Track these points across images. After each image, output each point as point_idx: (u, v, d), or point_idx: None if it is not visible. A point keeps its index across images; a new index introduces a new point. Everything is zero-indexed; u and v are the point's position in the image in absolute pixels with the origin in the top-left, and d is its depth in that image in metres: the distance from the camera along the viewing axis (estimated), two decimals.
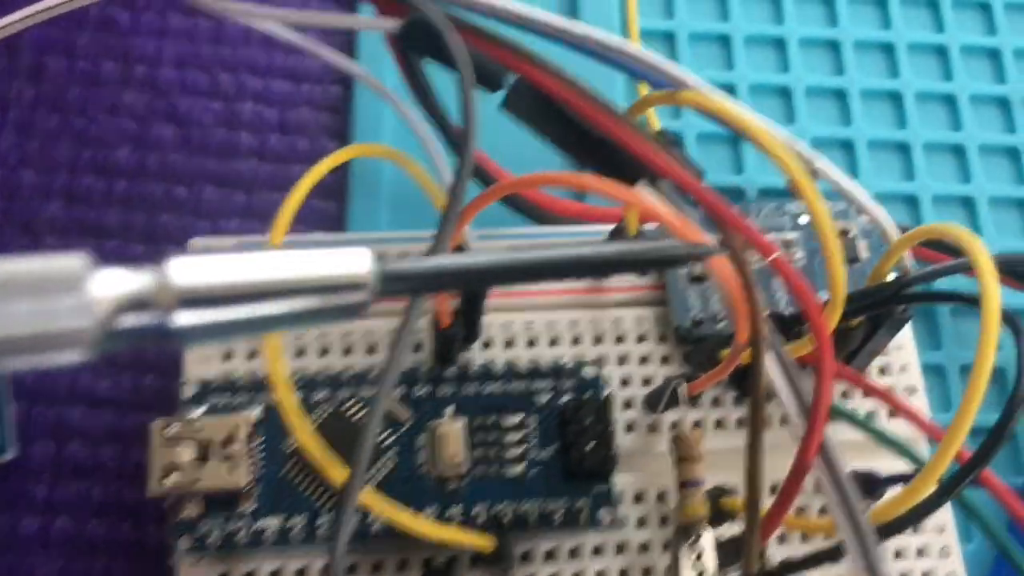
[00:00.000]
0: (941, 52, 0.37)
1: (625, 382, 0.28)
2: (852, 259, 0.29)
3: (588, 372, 0.27)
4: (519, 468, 0.25)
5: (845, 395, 0.28)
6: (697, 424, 0.27)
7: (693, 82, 0.21)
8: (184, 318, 0.13)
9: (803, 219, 0.30)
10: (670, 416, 0.27)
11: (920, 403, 0.29)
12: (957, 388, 0.32)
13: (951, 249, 0.29)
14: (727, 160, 0.35)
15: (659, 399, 0.27)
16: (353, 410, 0.25)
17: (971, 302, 0.21)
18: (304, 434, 0.22)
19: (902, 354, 0.29)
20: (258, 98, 0.33)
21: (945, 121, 0.36)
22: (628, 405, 0.28)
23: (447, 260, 0.16)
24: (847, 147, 0.35)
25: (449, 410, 0.26)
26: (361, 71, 0.29)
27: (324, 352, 0.27)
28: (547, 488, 0.25)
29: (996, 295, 0.20)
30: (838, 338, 0.27)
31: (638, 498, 0.27)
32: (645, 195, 0.19)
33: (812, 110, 0.36)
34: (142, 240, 0.31)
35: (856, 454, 0.26)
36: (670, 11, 0.37)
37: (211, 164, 0.32)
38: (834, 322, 0.22)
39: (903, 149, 0.35)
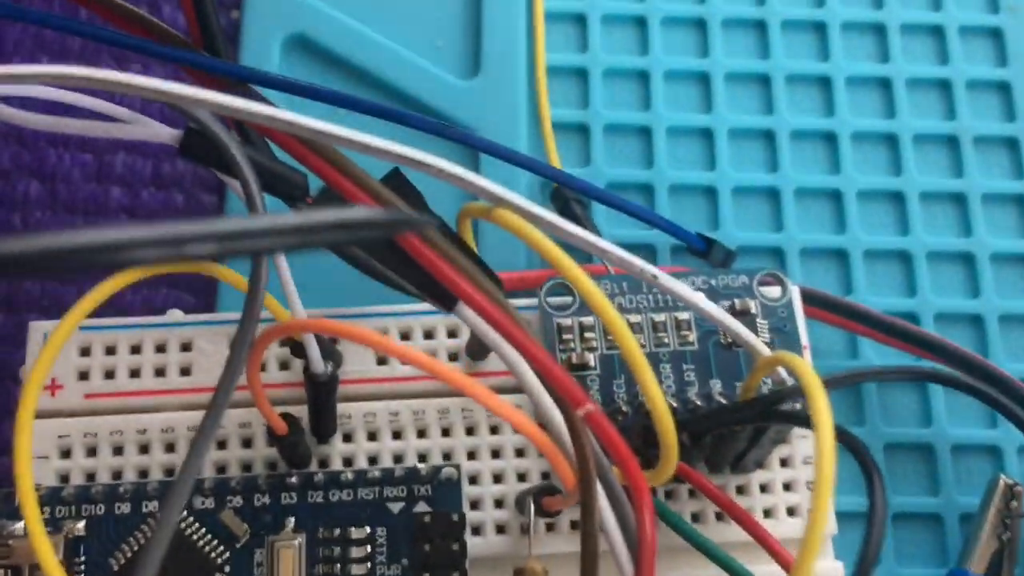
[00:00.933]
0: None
1: (498, 478, 0.26)
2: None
3: (446, 475, 0.25)
4: None
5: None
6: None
7: (512, 199, 0.19)
8: None
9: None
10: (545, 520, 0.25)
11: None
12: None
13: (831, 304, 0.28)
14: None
15: (523, 505, 0.25)
16: (192, 529, 0.24)
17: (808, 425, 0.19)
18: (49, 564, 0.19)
19: (806, 445, 0.27)
20: (131, 149, 0.31)
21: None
22: (499, 504, 0.26)
23: None
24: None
25: (290, 523, 0.24)
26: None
27: (169, 447, 0.25)
28: None
29: (828, 426, 0.18)
30: (722, 441, 0.25)
31: None
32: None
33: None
34: (1, 308, 0.29)
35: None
36: None
37: (78, 223, 0.30)
38: (665, 476, 0.20)
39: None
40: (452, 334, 0.27)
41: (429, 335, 0.27)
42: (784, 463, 0.27)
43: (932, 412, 0.30)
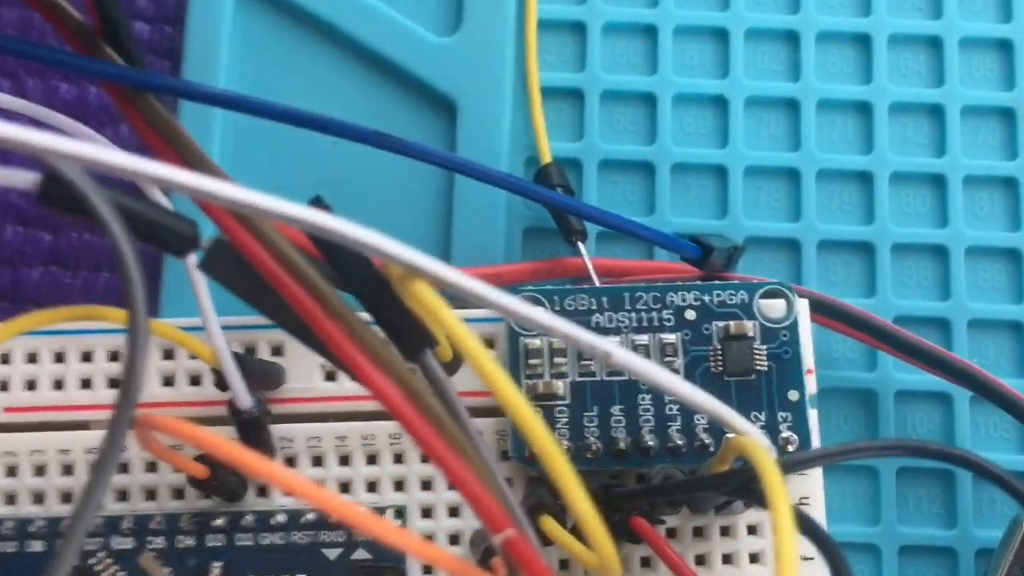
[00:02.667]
0: None
1: (454, 511, 0.23)
2: (747, 372, 0.23)
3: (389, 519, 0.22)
4: None
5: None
6: None
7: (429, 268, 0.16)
8: None
9: (689, 314, 0.23)
10: None
11: None
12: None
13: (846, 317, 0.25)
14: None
15: (478, 544, 0.22)
16: (108, 572, 0.22)
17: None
18: None
19: (803, 483, 0.24)
20: None
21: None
22: (455, 540, 0.23)
23: None
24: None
25: (216, 568, 0.22)
26: None
27: None
28: None
29: (787, 515, 0.15)
30: (702, 495, 0.22)
31: None
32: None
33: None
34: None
35: None
36: None
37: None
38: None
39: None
40: None
41: None
42: None
43: (955, 431, 0.27)
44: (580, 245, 0.26)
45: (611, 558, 0.16)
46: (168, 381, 0.24)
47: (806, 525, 0.18)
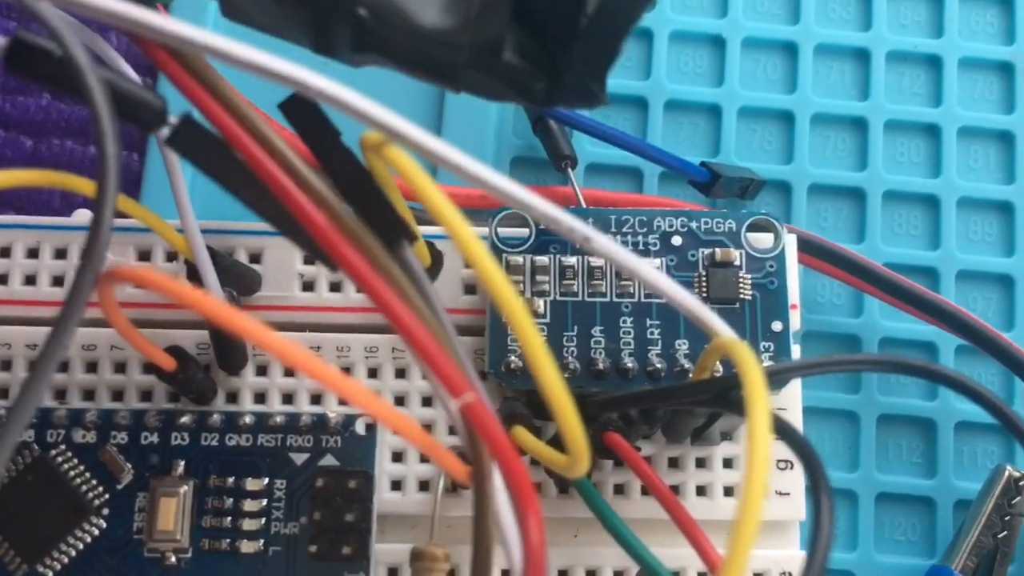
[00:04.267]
0: None
1: (427, 428, 0.23)
2: (731, 299, 0.23)
3: (360, 429, 0.22)
4: (255, 545, 0.21)
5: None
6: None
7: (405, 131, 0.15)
8: None
9: (676, 240, 0.23)
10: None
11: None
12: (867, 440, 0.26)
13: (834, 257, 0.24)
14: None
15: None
16: (69, 465, 0.21)
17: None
18: None
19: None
20: None
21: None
22: (425, 458, 0.23)
23: None
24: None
25: (179, 467, 0.21)
26: None
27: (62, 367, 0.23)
28: (288, 572, 0.21)
29: (765, 433, 0.15)
30: (678, 415, 0.22)
31: None
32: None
33: None
34: None
35: None
36: None
37: None
38: (576, 471, 0.16)
39: None
40: None
41: None
42: None
43: (939, 385, 0.27)
44: (569, 171, 0.26)
45: (580, 443, 0.15)
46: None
47: (784, 430, 0.17)
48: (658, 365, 0.22)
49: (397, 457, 0.23)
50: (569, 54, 0.17)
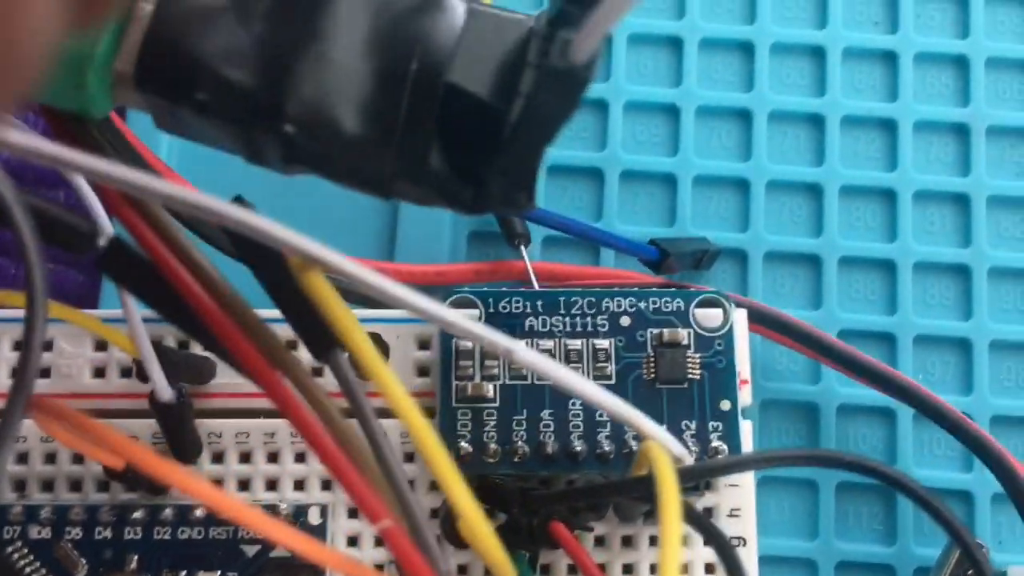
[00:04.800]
0: None
1: None
2: (680, 380, 0.23)
3: (313, 519, 0.22)
4: None
5: None
6: None
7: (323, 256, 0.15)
8: None
9: (624, 320, 0.23)
10: None
11: None
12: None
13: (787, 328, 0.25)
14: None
15: None
16: (25, 561, 0.21)
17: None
18: None
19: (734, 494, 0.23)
20: None
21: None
22: (380, 542, 0.23)
23: None
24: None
25: (133, 561, 0.22)
26: None
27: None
28: None
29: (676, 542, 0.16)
30: (625, 504, 0.22)
31: None
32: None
33: None
34: None
35: None
36: None
37: None
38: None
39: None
40: None
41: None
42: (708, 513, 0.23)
43: (897, 447, 0.27)
44: (522, 249, 0.26)
45: (498, 560, 0.15)
46: (99, 372, 0.24)
47: (702, 525, 0.17)
48: (607, 448, 0.22)
49: (352, 542, 0.23)
50: (491, 167, 0.17)
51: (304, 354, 0.18)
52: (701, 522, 0.17)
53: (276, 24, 0.17)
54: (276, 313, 0.17)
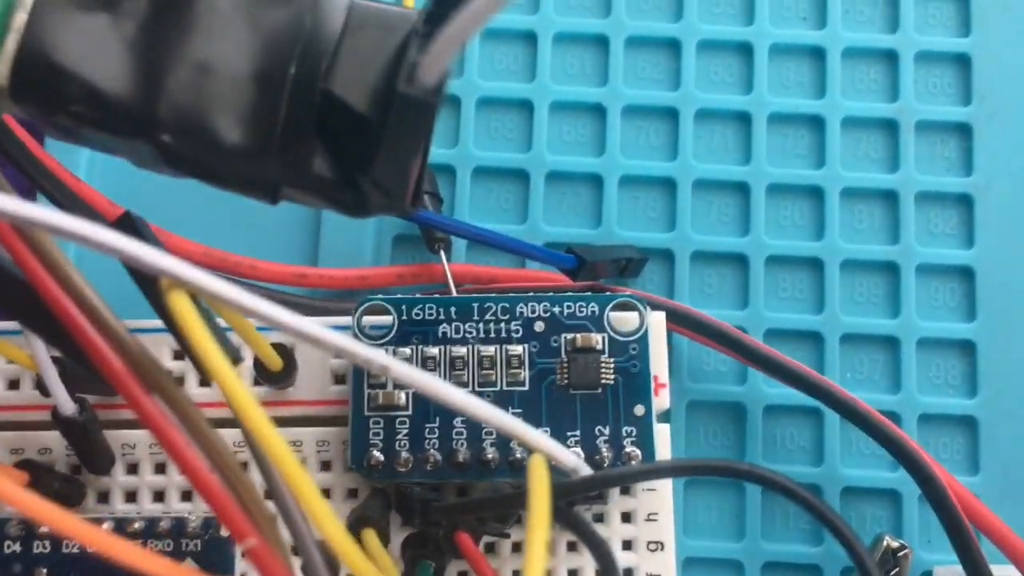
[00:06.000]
0: None
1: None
2: (593, 385, 0.23)
3: (222, 531, 0.22)
4: None
5: None
6: None
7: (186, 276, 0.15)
8: None
9: (539, 325, 0.23)
10: None
11: None
12: None
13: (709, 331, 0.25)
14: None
15: None
16: None
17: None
18: None
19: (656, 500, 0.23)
20: None
21: None
22: (295, 551, 0.23)
23: None
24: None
25: (42, 574, 0.21)
26: None
27: None
28: None
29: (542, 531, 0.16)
30: None
31: None
32: None
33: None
34: None
35: None
36: None
37: None
38: None
39: None
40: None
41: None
42: (626, 519, 0.23)
43: (825, 446, 0.27)
44: (442, 253, 0.26)
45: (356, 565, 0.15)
46: (13, 384, 0.23)
47: (577, 525, 0.17)
48: (519, 455, 0.22)
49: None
50: (366, 176, 0.17)
51: None
52: (581, 528, 0.17)
53: (149, 31, 0.17)
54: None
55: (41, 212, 0.15)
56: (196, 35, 0.17)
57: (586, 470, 0.19)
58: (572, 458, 0.19)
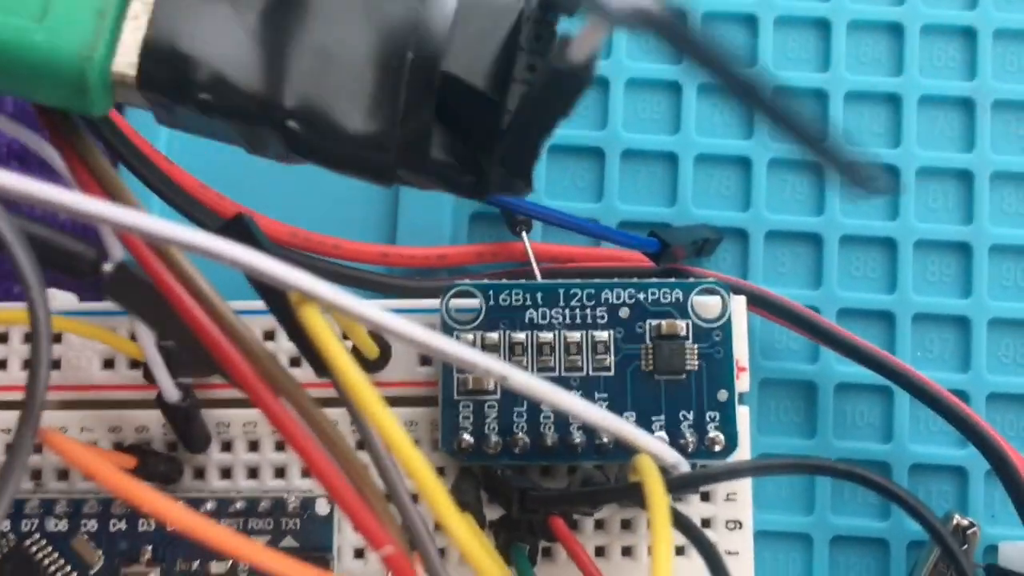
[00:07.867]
0: None
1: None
2: (678, 371, 0.23)
3: (320, 510, 0.23)
4: None
5: None
6: None
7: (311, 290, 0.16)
8: None
9: (623, 312, 0.24)
10: None
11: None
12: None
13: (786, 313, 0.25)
14: None
15: None
16: (43, 553, 0.22)
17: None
18: None
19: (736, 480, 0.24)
20: None
21: None
22: None
23: None
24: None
25: (147, 552, 0.22)
26: None
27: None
28: None
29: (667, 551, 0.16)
30: None
31: None
32: None
33: None
34: None
35: None
36: None
37: None
38: None
39: None
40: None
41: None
42: (704, 497, 0.24)
43: (894, 425, 0.27)
44: (524, 235, 0.26)
45: (484, 566, 0.16)
46: (108, 364, 0.24)
47: (688, 527, 0.18)
48: (604, 439, 0.23)
49: None
50: (490, 156, 0.17)
51: None
52: (691, 531, 0.18)
53: (270, 19, 0.17)
54: None
55: (177, 230, 0.15)
56: (315, 23, 0.17)
57: (685, 466, 0.20)
58: (673, 454, 0.19)
